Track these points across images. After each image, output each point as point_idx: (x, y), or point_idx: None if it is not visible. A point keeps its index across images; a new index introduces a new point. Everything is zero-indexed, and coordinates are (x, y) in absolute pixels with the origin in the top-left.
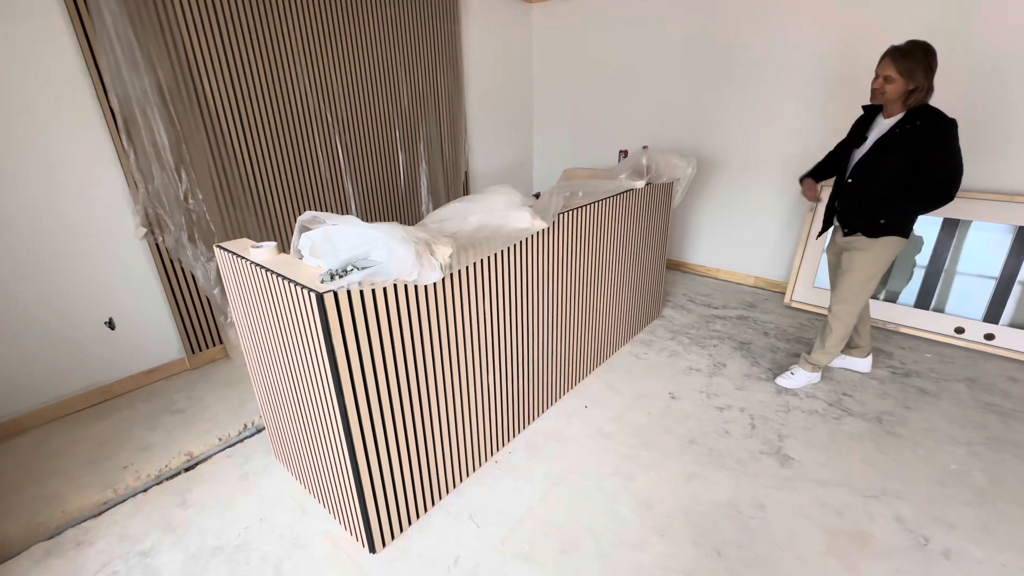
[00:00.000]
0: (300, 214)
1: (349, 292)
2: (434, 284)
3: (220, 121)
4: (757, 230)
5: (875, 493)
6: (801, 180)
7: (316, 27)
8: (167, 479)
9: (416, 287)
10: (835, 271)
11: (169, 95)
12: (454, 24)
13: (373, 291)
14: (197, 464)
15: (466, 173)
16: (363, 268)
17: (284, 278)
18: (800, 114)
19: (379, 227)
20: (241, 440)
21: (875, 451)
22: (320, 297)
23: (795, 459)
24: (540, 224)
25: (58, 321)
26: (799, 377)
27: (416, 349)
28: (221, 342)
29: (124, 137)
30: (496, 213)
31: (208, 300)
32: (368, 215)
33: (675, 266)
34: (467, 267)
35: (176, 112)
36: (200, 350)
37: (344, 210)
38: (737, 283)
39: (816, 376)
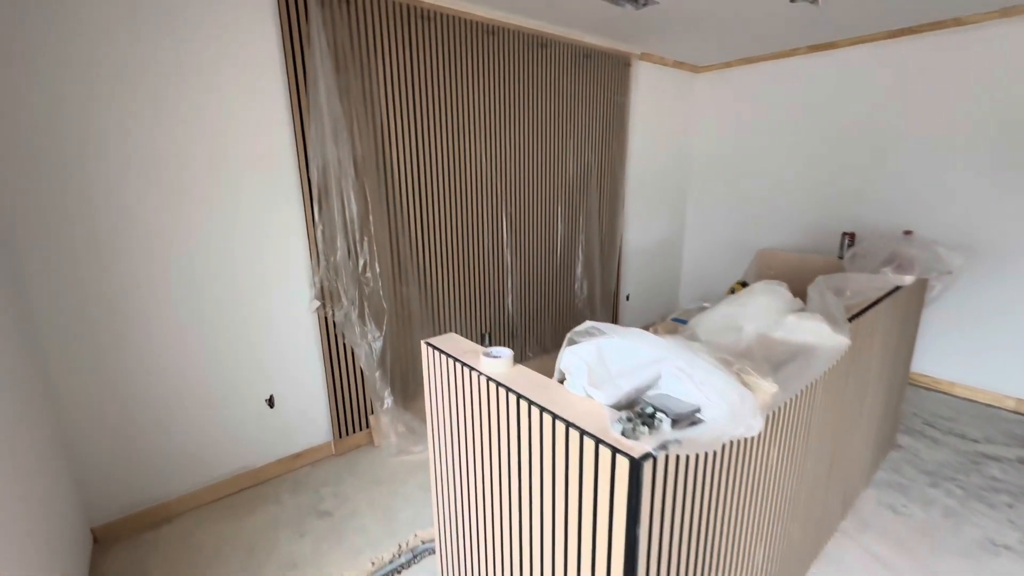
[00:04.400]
0: (455, 288)
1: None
2: None
3: (400, 193)
4: (1019, 338)
5: None
6: None
7: (497, 103)
8: None
9: None
10: None
11: (363, 166)
12: (623, 96)
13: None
14: None
15: (619, 247)
16: (677, 417)
17: (562, 420)
18: None
19: (670, 343)
20: (396, 570)
21: None
22: (638, 465)
23: None
24: (844, 342)
25: (221, 397)
26: None
27: (700, 517)
28: (367, 427)
29: (316, 209)
30: (770, 321)
31: (362, 381)
32: (522, 286)
33: None
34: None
35: (367, 184)
36: (346, 434)
37: (500, 281)
38: (988, 404)
39: None
